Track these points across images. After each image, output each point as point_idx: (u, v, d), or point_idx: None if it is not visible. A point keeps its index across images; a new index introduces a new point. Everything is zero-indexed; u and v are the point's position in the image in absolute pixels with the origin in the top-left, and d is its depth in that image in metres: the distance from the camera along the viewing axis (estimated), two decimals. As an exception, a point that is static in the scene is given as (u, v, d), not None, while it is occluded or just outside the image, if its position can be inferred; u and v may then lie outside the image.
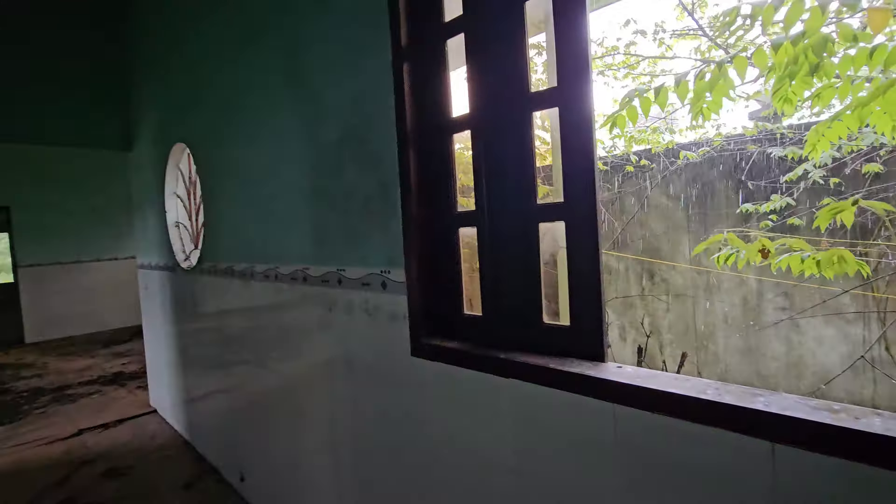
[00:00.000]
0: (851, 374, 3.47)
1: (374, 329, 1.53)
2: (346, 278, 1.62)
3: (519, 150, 1.17)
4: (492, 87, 1.22)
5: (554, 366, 1.03)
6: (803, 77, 1.54)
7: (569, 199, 1.07)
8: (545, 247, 1.19)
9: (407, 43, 1.39)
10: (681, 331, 4.27)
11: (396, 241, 1.41)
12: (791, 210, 3.25)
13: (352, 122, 1.57)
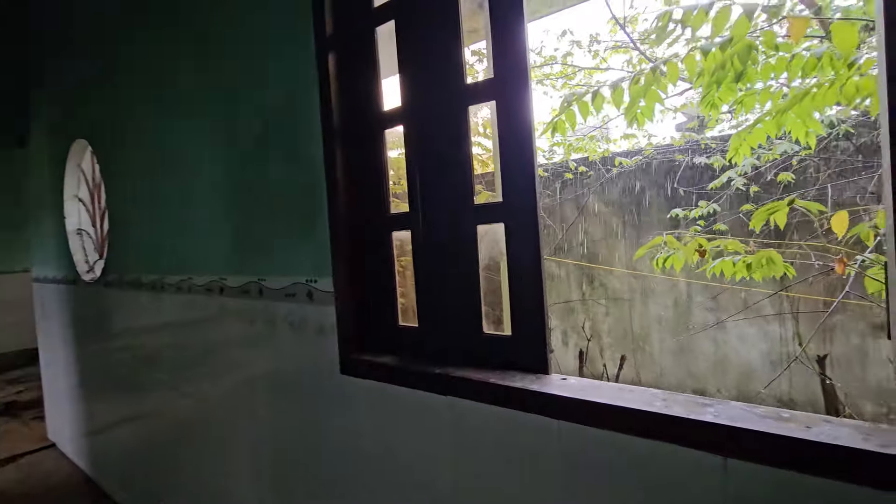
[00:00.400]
0: (771, 370, 3.72)
1: (300, 344, 1.37)
2: (268, 289, 1.46)
3: (455, 146, 1.08)
4: (425, 79, 1.13)
5: (494, 380, 0.94)
6: (729, 84, 1.58)
7: (508, 200, 1.00)
8: (486, 251, 1.11)
9: (333, 30, 1.27)
10: (619, 334, 4.40)
11: (323, 247, 1.27)
12: (716, 216, 3.43)
13: (274, 117, 1.42)
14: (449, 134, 1.09)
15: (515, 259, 1.00)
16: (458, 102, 1.07)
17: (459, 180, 1.08)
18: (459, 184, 1.08)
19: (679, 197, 3.85)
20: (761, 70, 1.47)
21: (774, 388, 3.72)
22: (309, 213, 1.32)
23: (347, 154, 1.27)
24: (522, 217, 0.98)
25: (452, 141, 1.08)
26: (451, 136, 1.08)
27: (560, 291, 4.70)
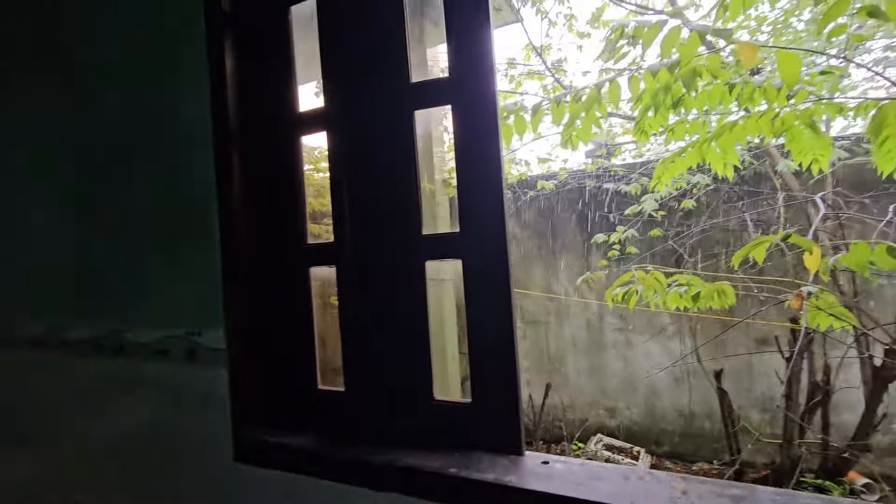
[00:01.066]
0: (674, 385, 3.94)
1: (177, 421, 1.01)
2: (131, 343, 1.07)
3: (397, 160, 0.84)
4: (357, 73, 0.88)
5: (455, 471, 0.70)
6: (663, 111, 1.55)
7: (469, 229, 0.78)
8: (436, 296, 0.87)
9: (231, 7, 0.98)
10: (536, 356, 4.39)
11: (212, 287, 0.94)
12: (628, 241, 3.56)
13: (148, 115, 1.06)
14: (389, 145, 0.85)
15: (476, 305, 0.78)
16: (402, 105, 0.84)
17: (403, 204, 0.84)
18: (403, 208, 0.84)
19: (592, 221, 3.98)
20: (697, 98, 1.46)
21: (676, 402, 3.94)
22: (192, 243, 0.98)
23: (249, 166, 0.96)
24: (487, 251, 0.76)
25: (394, 154, 0.84)
26: (393, 148, 0.84)
27: (478, 315, 4.60)
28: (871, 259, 0.87)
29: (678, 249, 3.56)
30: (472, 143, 0.77)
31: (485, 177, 0.76)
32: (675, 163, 1.88)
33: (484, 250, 0.76)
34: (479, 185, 0.77)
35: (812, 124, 1.40)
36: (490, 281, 0.76)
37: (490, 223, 0.76)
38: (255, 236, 0.96)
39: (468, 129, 0.77)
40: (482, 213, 0.76)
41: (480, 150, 0.76)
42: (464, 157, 0.77)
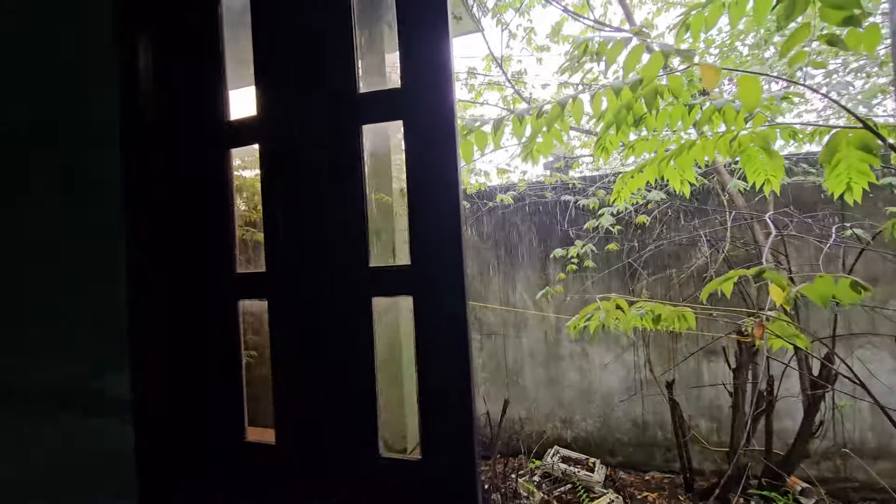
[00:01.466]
0: (627, 395, 4.00)
1: (68, 483, 0.84)
2: (9, 391, 0.89)
3: (342, 179, 0.73)
4: (296, 79, 0.77)
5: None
6: (625, 129, 1.53)
7: (420, 262, 0.68)
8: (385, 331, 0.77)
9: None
10: (493, 368, 4.35)
11: (114, 323, 0.79)
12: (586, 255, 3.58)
13: (39, 114, 0.90)
14: (333, 162, 0.74)
15: (431, 348, 0.68)
16: (348, 118, 0.73)
17: (348, 231, 0.73)
18: (348, 236, 0.73)
19: (551, 234, 3.99)
20: (658, 117, 1.44)
21: (630, 411, 4.00)
22: (93, 268, 0.82)
23: (166, 180, 0.82)
24: (442, 287, 0.67)
25: (339, 172, 0.73)
26: (336, 165, 0.73)
27: (436, 327, 4.51)
28: (835, 293, 0.86)
29: (633, 264, 3.63)
30: (426, 164, 0.67)
31: (440, 204, 0.67)
32: (635, 178, 1.87)
33: (438, 286, 0.67)
34: (433, 213, 0.67)
35: (767, 147, 1.41)
36: (445, 321, 0.67)
37: (446, 255, 0.66)
38: (173, 263, 0.82)
39: (422, 148, 0.68)
40: (437, 244, 0.67)
41: (436, 173, 0.67)
42: (417, 181, 0.68)
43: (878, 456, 3.41)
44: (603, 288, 3.89)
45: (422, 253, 0.68)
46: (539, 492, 3.64)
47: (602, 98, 1.32)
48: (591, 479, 3.70)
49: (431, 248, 0.67)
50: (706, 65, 1.09)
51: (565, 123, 1.46)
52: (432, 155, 0.67)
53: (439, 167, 0.66)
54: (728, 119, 1.33)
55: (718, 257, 3.39)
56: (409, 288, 0.68)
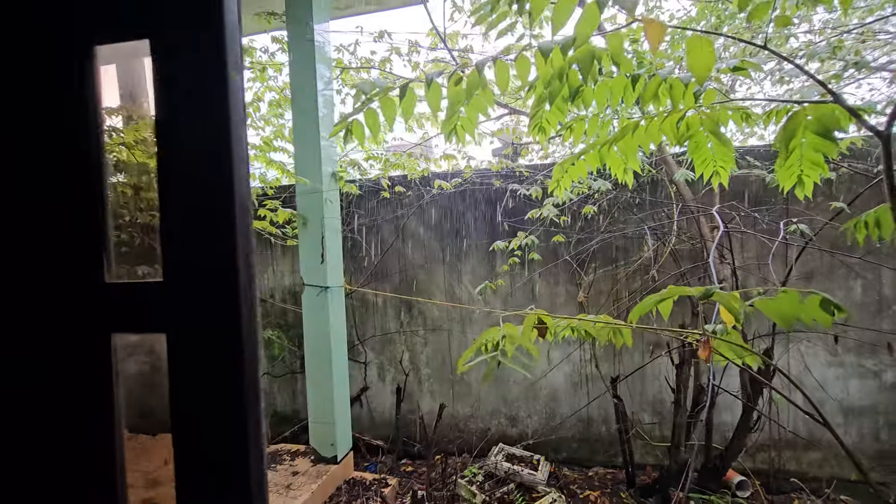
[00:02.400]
0: (572, 390, 3.90)
1: None
2: None
3: (60, 137, 0.44)
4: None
5: None
6: (560, 104, 1.30)
7: (180, 277, 0.41)
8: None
9: None
10: (438, 364, 4.14)
11: None
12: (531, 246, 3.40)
13: None
14: (43, 107, 0.44)
15: (190, 409, 0.42)
16: (70, 34, 0.44)
17: (71, 224, 0.44)
18: (70, 233, 0.44)
19: (497, 223, 3.79)
20: (597, 90, 1.22)
21: (575, 407, 3.91)
22: None
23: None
24: (210, 316, 0.40)
25: (55, 124, 0.44)
26: (51, 114, 0.44)
27: (377, 321, 4.24)
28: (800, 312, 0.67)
29: (580, 255, 3.49)
30: (185, 119, 0.40)
31: (207, 181, 0.40)
32: (575, 166, 1.66)
33: (205, 315, 0.40)
34: (199, 199, 0.40)
35: (717, 131, 1.23)
36: (216, 374, 0.40)
37: (219, 266, 0.40)
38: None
39: (180, 92, 0.40)
40: (204, 250, 0.40)
41: (201, 135, 0.40)
42: (171, 146, 0.40)
43: (809, 447, 3.47)
44: (550, 280, 3.74)
45: (181, 263, 0.41)
46: (481, 493, 3.47)
47: (530, 61, 1.08)
48: (534, 477, 3.58)
49: (197, 254, 0.40)
50: (650, 19, 0.87)
51: (489, 93, 1.21)
52: (194, 103, 0.39)
53: (205, 124, 0.39)
54: (675, 95, 1.12)
55: (664, 251, 3.30)
56: (161, 320, 0.41)
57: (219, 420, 0.40)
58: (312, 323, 3.06)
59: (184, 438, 0.41)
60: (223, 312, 0.40)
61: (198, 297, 0.40)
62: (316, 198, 2.93)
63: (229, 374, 0.40)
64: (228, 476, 0.41)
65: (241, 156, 0.40)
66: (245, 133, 0.40)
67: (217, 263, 0.39)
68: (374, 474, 3.24)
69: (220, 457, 0.40)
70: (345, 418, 3.21)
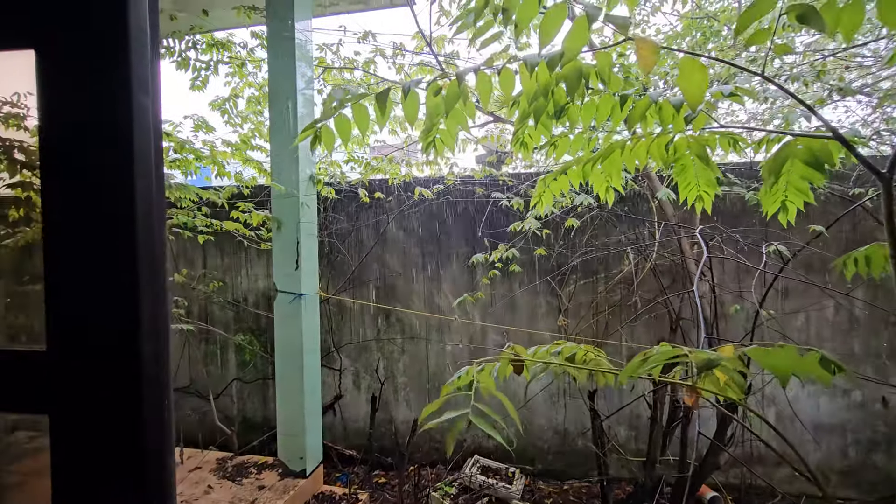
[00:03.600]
0: (550, 403, 3.86)
1: None
2: None
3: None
4: None
5: None
6: (544, 120, 1.24)
7: (66, 341, 0.33)
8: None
9: None
10: (414, 373, 4.06)
11: None
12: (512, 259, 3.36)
13: None
14: None
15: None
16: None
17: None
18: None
19: (478, 233, 3.73)
20: (584, 108, 1.16)
21: (552, 420, 3.87)
22: None
23: None
24: (103, 394, 0.32)
25: None
26: None
27: (353, 328, 4.13)
28: (798, 368, 0.63)
29: (562, 268, 3.45)
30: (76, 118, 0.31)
31: (105, 209, 0.32)
32: (558, 181, 1.61)
33: (99, 397, 0.32)
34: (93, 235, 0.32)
35: (705, 156, 1.18)
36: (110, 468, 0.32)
37: (119, 329, 0.32)
38: None
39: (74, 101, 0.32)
40: (99, 305, 0.32)
41: (98, 139, 0.31)
42: (59, 168, 0.32)
43: (780, 464, 3.50)
44: (531, 292, 3.70)
45: (69, 319, 0.32)
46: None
47: (514, 75, 1.01)
48: (509, 491, 3.52)
49: (91, 309, 0.32)
50: (642, 39, 0.81)
51: (470, 106, 1.14)
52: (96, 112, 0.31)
53: (104, 125, 0.31)
54: (665, 117, 1.08)
55: (645, 266, 3.29)
56: (41, 402, 0.33)
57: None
58: (284, 331, 2.94)
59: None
60: (120, 391, 0.31)
61: (89, 370, 0.32)
62: (292, 202, 2.82)
63: (128, 472, 0.32)
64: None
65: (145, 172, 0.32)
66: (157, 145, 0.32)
67: (115, 325, 0.31)
68: (344, 488, 3.14)
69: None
70: (316, 430, 3.10)
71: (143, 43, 0.33)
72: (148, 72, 0.34)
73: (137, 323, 0.32)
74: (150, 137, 0.34)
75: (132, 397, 0.32)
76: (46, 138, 0.32)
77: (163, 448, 0.33)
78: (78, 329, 0.33)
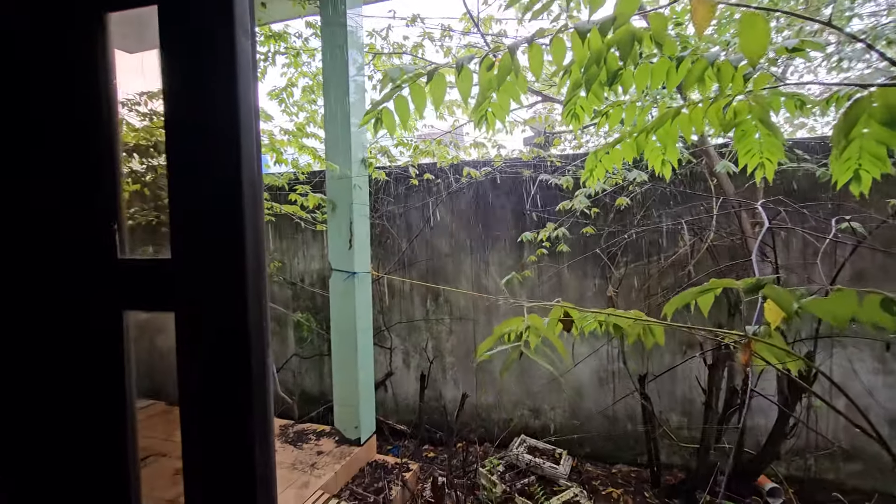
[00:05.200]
0: (599, 386, 3.83)
1: None
2: None
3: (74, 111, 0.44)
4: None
5: None
6: (596, 89, 1.24)
7: (190, 255, 0.40)
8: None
9: None
10: (462, 354, 4.14)
11: None
12: (560, 238, 3.33)
13: None
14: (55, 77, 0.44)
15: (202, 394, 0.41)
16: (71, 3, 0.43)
17: (87, 200, 0.44)
18: (85, 202, 0.44)
19: (526, 213, 3.72)
20: (637, 73, 1.16)
21: (601, 404, 3.84)
22: None
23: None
24: (220, 299, 0.39)
25: (69, 96, 0.44)
26: (63, 85, 0.44)
27: (403, 308, 4.27)
28: (858, 314, 0.62)
29: (611, 248, 3.39)
30: (193, 94, 0.38)
31: (215, 164, 0.38)
32: (609, 155, 1.60)
33: (215, 297, 0.39)
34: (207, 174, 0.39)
35: (767, 120, 1.14)
36: (223, 351, 0.40)
37: (225, 244, 0.39)
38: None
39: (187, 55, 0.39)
40: (211, 227, 0.39)
41: (209, 112, 0.38)
42: (179, 122, 0.39)
43: (850, 457, 3.29)
44: (579, 274, 3.66)
45: (190, 241, 0.40)
46: (502, 483, 3.47)
47: (566, 44, 1.02)
48: (556, 471, 3.55)
49: (205, 231, 0.39)
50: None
51: (522, 79, 1.16)
52: (199, 70, 0.38)
53: (215, 101, 0.38)
54: (723, 78, 1.05)
55: (701, 247, 3.16)
56: (170, 298, 0.40)
57: (225, 397, 0.39)
58: (339, 307, 3.10)
59: (189, 413, 0.41)
60: (231, 292, 0.39)
61: (207, 276, 0.39)
62: (345, 183, 2.94)
63: (236, 352, 0.39)
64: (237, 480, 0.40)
65: (249, 125, 0.38)
66: (255, 102, 0.39)
67: (225, 238, 0.38)
68: (396, 458, 3.29)
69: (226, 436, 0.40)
70: (369, 402, 3.26)
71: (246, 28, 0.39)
72: (250, 58, 0.40)
73: (242, 235, 0.39)
74: (252, 109, 0.41)
75: (237, 298, 0.39)
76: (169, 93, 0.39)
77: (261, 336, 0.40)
78: (195, 241, 0.40)
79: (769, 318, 0.78)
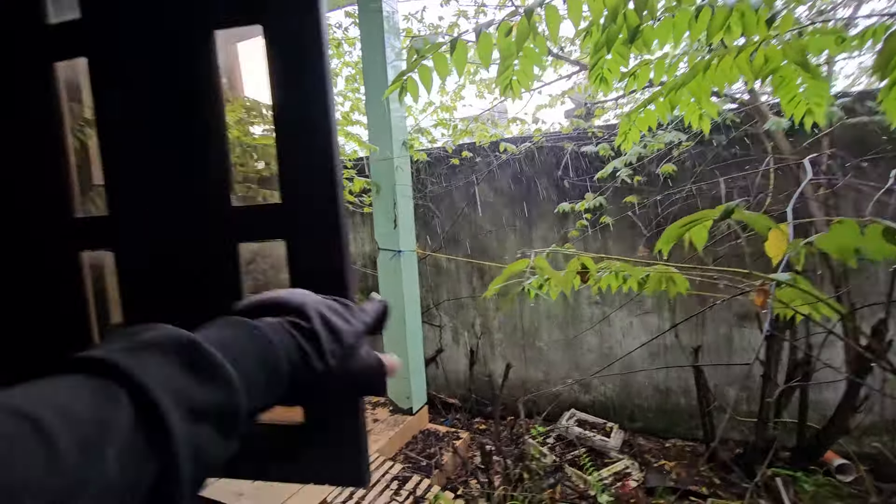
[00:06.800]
0: (650, 360, 3.76)
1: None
2: None
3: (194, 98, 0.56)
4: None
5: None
6: (620, 48, 1.25)
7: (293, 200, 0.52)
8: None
9: None
10: (509, 330, 4.20)
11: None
12: (602, 208, 3.29)
13: None
14: (183, 77, 0.56)
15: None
16: (197, 22, 0.54)
17: (203, 163, 0.57)
18: (202, 168, 0.57)
19: (568, 187, 3.68)
20: (659, 28, 1.15)
21: (653, 378, 3.78)
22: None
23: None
24: (316, 228, 0.51)
25: (190, 90, 0.56)
26: (188, 82, 0.56)
27: (450, 286, 4.38)
28: (860, 244, 0.61)
29: (654, 218, 3.29)
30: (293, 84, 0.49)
31: (310, 129, 0.49)
32: (643, 116, 1.59)
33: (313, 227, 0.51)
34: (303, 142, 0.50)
35: (805, 62, 1.10)
36: (321, 265, 0.51)
37: (320, 192, 0.50)
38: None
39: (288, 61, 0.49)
40: (309, 180, 0.51)
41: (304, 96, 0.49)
42: (285, 104, 0.50)
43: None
44: (624, 245, 3.59)
45: (294, 189, 0.51)
46: (551, 454, 3.54)
47: (582, 2, 1.04)
48: (606, 444, 3.56)
49: (304, 183, 0.51)
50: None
51: (541, 41, 1.19)
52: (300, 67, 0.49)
53: (309, 83, 0.49)
54: (748, 24, 1.03)
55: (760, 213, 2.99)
56: (280, 229, 0.53)
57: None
58: (387, 284, 3.26)
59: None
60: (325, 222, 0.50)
61: (307, 215, 0.51)
62: (387, 165, 3.06)
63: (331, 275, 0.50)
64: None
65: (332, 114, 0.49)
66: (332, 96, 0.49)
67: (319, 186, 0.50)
68: (447, 427, 3.44)
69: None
70: (419, 374, 3.42)
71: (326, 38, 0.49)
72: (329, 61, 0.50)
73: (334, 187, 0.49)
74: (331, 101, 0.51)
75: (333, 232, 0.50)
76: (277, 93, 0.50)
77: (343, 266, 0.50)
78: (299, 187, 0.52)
79: (770, 252, 0.78)
